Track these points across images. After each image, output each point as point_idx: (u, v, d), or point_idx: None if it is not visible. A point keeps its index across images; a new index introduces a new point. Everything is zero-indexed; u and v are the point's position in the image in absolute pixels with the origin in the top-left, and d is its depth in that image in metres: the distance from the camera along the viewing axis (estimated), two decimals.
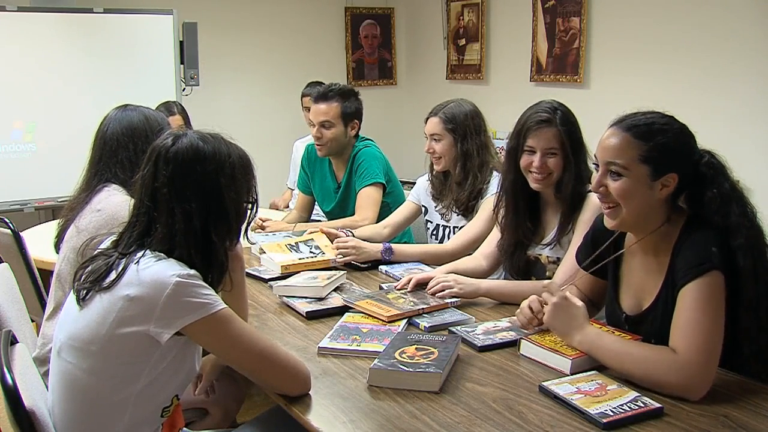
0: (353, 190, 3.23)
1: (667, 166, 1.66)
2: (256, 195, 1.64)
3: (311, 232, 2.78)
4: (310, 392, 1.60)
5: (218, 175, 1.54)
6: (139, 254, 1.48)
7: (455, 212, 2.85)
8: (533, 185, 2.24)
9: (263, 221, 3.12)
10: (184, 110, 3.94)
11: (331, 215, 3.37)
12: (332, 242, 2.67)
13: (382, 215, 3.13)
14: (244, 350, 1.51)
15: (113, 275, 1.47)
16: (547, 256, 2.32)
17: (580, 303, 1.76)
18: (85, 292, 1.50)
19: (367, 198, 3.13)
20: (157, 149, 1.55)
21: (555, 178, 2.22)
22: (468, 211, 2.80)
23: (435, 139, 2.82)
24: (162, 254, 1.49)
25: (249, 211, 1.63)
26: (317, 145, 3.22)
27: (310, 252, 2.64)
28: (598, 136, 1.76)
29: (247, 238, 1.70)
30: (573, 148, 2.20)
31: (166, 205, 1.51)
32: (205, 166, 1.53)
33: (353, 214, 3.17)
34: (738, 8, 3.79)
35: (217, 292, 1.55)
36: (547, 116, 2.20)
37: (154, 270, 1.45)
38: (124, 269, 1.46)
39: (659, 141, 1.66)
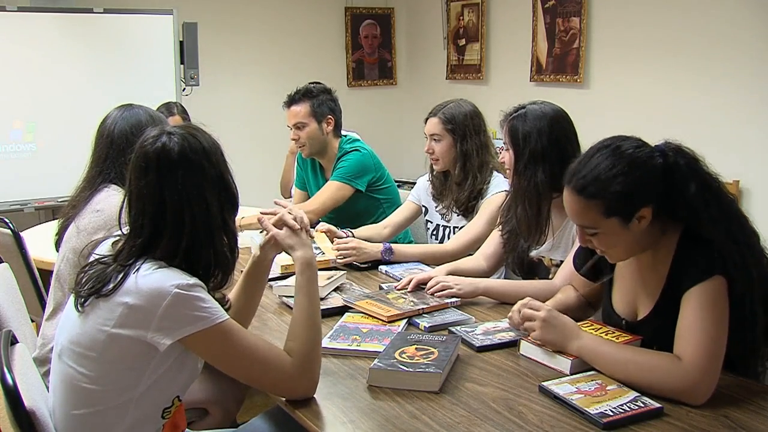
0: None
1: (632, 207, 1.62)
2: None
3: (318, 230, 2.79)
4: None
5: (219, 163, 1.55)
6: (139, 262, 1.47)
7: (455, 212, 2.84)
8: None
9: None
10: (184, 110, 3.94)
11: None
12: (332, 242, 2.67)
13: (373, 212, 3.16)
14: (243, 362, 1.50)
15: (111, 285, 1.45)
16: (551, 259, 2.32)
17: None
18: (83, 299, 1.49)
19: (327, 190, 3.16)
20: (156, 154, 1.49)
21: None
22: (468, 211, 2.80)
23: (435, 140, 2.82)
24: (162, 262, 1.47)
25: None
26: (299, 147, 3.30)
27: None
28: (597, 136, 1.75)
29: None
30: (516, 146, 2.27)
31: (178, 211, 1.47)
32: (210, 158, 1.53)
33: (344, 213, 3.18)
34: (738, 8, 3.79)
35: (227, 284, 1.56)
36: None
37: (153, 279, 1.43)
38: (124, 278, 1.45)
39: (614, 191, 1.60)
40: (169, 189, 1.48)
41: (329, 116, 3.23)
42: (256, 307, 1.85)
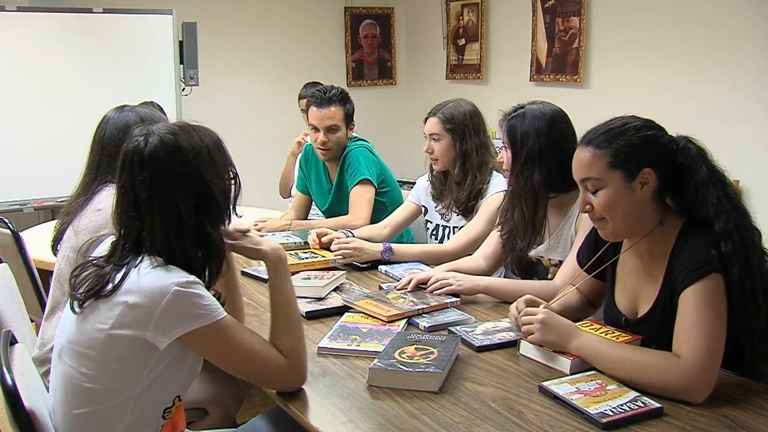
0: (345, 190, 3.23)
1: (637, 163, 1.68)
2: (235, 169, 1.60)
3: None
4: (309, 392, 1.61)
5: (198, 165, 1.50)
6: (138, 260, 1.47)
7: (455, 212, 2.84)
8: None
9: (261, 221, 3.14)
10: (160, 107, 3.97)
11: (326, 215, 3.38)
12: (329, 249, 2.66)
13: (377, 215, 3.14)
14: (241, 358, 1.51)
15: (111, 285, 1.45)
16: (549, 259, 2.32)
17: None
18: (80, 302, 1.48)
19: (359, 197, 3.13)
20: (130, 154, 1.50)
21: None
22: (468, 211, 2.79)
23: (434, 139, 2.82)
24: (160, 260, 1.47)
25: (233, 187, 1.58)
26: (322, 150, 3.19)
27: (311, 254, 2.65)
28: None
29: (236, 213, 1.63)
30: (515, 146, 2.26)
31: (150, 210, 1.47)
32: (186, 159, 1.49)
33: (347, 213, 3.17)
34: (737, 8, 3.79)
35: (217, 278, 1.56)
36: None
37: (152, 277, 1.43)
38: (124, 276, 1.45)
39: (620, 143, 1.69)
40: (139, 188, 1.48)
41: (353, 122, 3.22)
42: (240, 301, 1.80)
